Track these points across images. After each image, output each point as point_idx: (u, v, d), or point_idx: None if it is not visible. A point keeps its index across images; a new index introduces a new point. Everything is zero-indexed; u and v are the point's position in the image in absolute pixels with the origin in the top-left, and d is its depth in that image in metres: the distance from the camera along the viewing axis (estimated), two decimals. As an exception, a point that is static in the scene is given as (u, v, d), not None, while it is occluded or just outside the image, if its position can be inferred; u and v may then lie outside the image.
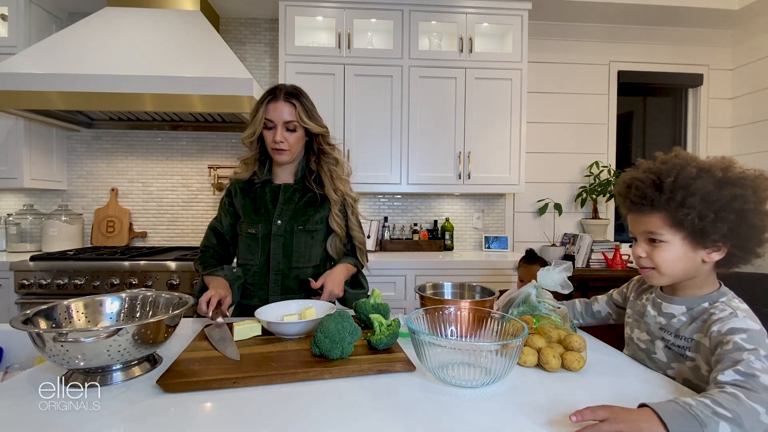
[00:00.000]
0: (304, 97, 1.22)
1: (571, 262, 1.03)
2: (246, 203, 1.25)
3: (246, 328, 0.96)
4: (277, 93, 1.17)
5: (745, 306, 0.79)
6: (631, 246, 0.92)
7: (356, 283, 1.33)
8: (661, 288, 0.90)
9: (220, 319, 1.02)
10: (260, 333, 0.97)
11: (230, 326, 1.00)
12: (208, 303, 1.05)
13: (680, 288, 0.85)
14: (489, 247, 2.76)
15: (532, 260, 1.80)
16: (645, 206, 0.81)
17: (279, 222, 1.22)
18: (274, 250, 1.22)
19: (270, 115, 1.16)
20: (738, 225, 0.75)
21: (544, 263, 1.82)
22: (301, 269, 1.24)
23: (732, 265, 0.82)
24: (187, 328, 1.05)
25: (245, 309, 1.26)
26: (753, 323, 0.74)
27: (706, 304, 0.81)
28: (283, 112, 1.16)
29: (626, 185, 0.86)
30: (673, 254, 0.80)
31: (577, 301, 1.18)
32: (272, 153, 1.20)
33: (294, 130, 1.19)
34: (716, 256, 0.79)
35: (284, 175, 1.28)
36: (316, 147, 1.26)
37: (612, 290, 1.11)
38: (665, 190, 0.78)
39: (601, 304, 1.11)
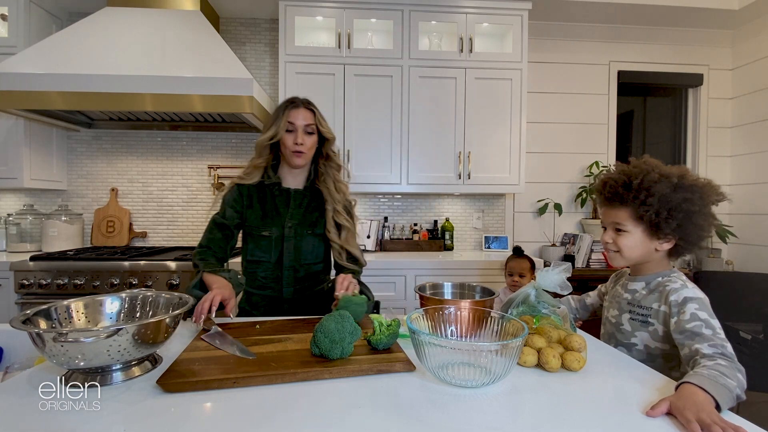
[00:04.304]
0: (317, 108, 1.34)
1: (570, 263, 1.04)
2: (256, 208, 1.31)
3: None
4: (296, 101, 1.29)
5: (690, 281, 0.97)
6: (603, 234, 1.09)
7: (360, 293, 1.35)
8: (629, 274, 1.09)
9: (214, 328, 0.99)
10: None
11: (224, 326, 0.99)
12: (203, 308, 1.03)
13: (640, 270, 1.05)
14: (489, 247, 2.76)
15: (520, 255, 1.87)
16: (615, 201, 1.00)
17: (290, 225, 1.30)
18: (287, 250, 1.30)
19: (292, 119, 1.26)
20: (685, 223, 0.93)
21: (531, 260, 1.85)
22: (310, 264, 1.34)
23: (679, 254, 1.01)
24: (187, 328, 1.04)
25: (262, 299, 1.32)
26: (699, 292, 0.93)
27: (660, 278, 1.00)
28: (304, 117, 1.27)
29: (602, 183, 1.05)
30: (633, 241, 0.99)
31: (570, 297, 1.28)
32: (290, 156, 1.28)
33: (311, 133, 1.29)
34: (666, 246, 0.98)
35: (294, 180, 1.36)
36: (324, 152, 1.35)
37: (600, 285, 1.25)
38: (633, 190, 0.96)
39: (592, 297, 1.24)
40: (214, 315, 1.04)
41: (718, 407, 0.67)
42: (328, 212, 1.32)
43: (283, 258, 1.30)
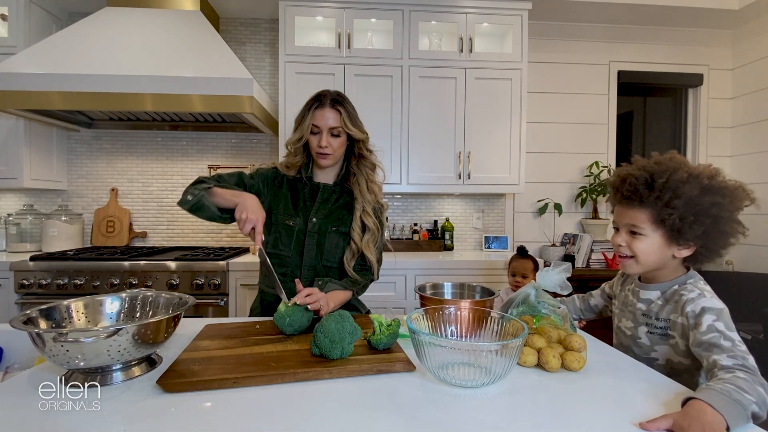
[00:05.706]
0: (348, 104, 1.25)
1: (570, 263, 1.04)
2: (287, 194, 1.27)
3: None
4: (323, 99, 1.21)
5: (708, 288, 0.89)
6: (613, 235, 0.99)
7: (350, 307, 1.29)
8: (639, 278, 1.00)
9: (260, 249, 1.07)
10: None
11: None
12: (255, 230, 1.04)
13: (654, 277, 0.95)
14: (489, 247, 2.76)
15: (525, 255, 1.86)
16: (634, 201, 0.90)
17: (314, 219, 1.24)
18: (308, 246, 1.24)
19: (316, 121, 1.19)
20: (711, 229, 0.85)
21: (535, 261, 1.84)
22: (330, 268, 1.26)
23: (697, 262, 0.92)
24: (187, 328, 1.04)
25: (276, 301, 1.21)
26: (718, 302, 0.84)
27: (676, 287, 0.91)
28: (329, 118, 1.19)
29: (621, 179, 0.93)
30: (650, 246, 0.89)
31: (576, 297, 1.23)
32: (316, 157, 1.24)
33: (338, 135, 1.22)
34: (685, 253, 0.89)
35: (324, 176, 1.31)
36: (357, 151, 1.29)
37: (604, 284, 1.18)
38: (655, 190, 0.86)
39: (596, 298, 1.18)
40: (262, 237, 1.07)
41: (728, 428, 0.61)
42: (357, 211, 1.26)
43: (303, 254, 1.23)
